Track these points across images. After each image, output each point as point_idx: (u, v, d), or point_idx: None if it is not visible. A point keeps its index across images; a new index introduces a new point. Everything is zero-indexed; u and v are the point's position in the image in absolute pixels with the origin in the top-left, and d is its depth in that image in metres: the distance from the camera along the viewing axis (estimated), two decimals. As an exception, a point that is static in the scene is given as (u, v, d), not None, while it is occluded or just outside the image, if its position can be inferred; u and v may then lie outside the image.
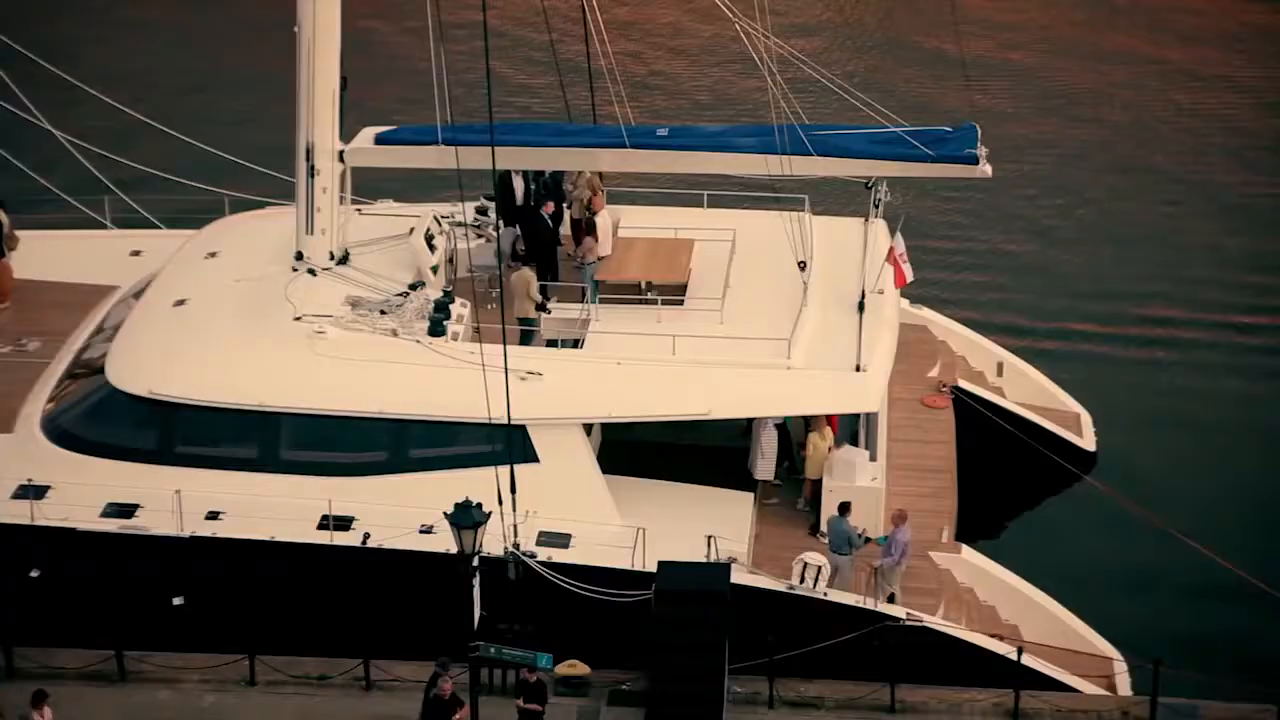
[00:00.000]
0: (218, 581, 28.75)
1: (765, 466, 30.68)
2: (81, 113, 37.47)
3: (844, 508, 28.96)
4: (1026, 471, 33.63)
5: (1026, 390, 35.25)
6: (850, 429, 31.74)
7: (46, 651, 28.92)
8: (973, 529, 31.94)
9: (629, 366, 29.48)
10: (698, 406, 29.23)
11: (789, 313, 30.38)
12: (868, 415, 31.49)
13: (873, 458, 30.77)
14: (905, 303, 34.44)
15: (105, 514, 28.97)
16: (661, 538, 28.14)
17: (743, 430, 31.55)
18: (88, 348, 32.33)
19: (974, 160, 30.83)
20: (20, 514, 28.66)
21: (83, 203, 36.20)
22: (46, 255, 35.43)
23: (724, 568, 27.79)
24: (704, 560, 28.01)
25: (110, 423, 29.97)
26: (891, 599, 28.77)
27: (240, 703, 28.45)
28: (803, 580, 28.16)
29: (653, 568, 27.60)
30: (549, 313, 30.96)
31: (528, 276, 30.98)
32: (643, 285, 31.29)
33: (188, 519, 28.60)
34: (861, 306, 30.63)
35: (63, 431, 30.13)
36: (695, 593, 27.13)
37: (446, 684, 26.32)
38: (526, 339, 30.77)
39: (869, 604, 28.22)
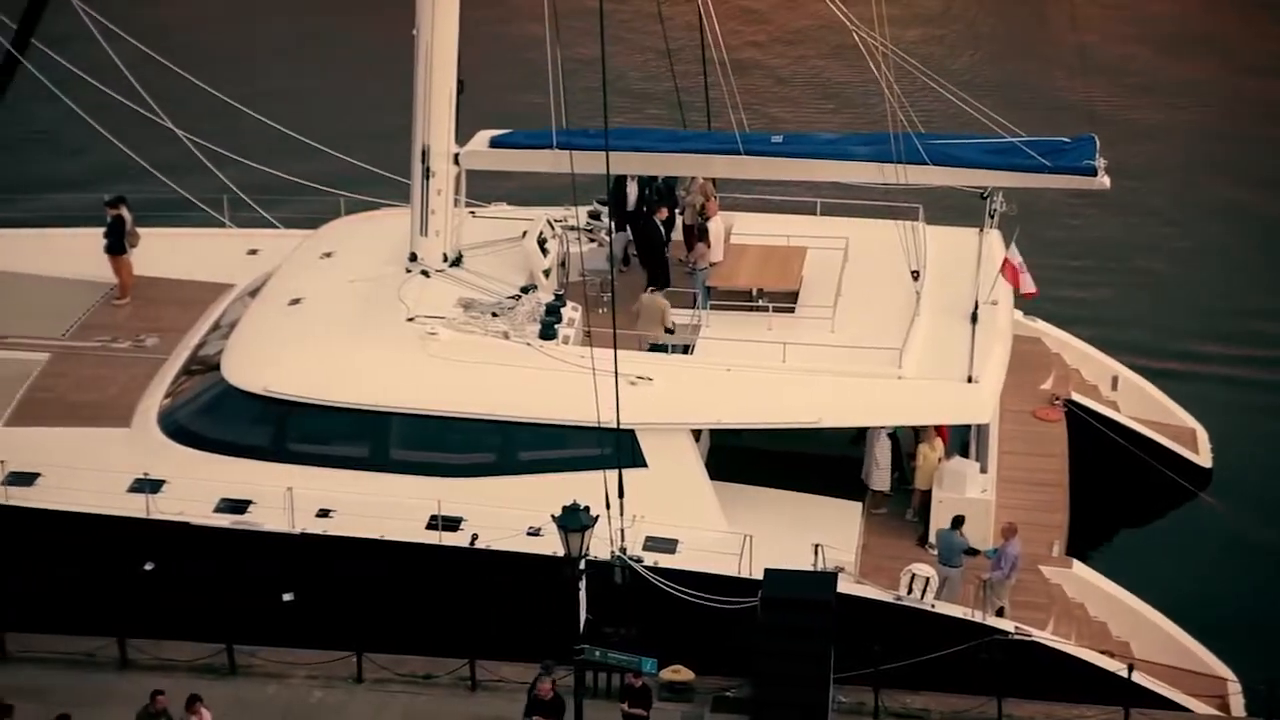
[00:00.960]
0: (327, 578, 29.00)
1: (880, 476, 30.49)
2: (203, 112, 37.91)
3: (957, 521, 28.74)
4: (1140, 487, 33.20)
5: (1141, 405, 34.79)
6: (961, 440, 31.49)
7: (158, 644, 29.33)
8: (1084, 544, 31.58)
9: (739, 373, 29.41)
10: (807, 414, 29.11)
11: (901, 322, 30.21)
12: (979, 426, 31.23)
13: (983, 469, 30.50)
14: (1019, 314, 34.12)
15: (218, 509, 29.30)
16: (768, 545, 28.05)
17: (852, 439, 31.37)
18: (204, 345, 32.73)
19: (1092, 171, 30.50)
20: (136, 507, 29.05)
21: (202, 201, 36.65)
22: (166, 253, 35.93)
23: (831, 576, 27.66)
24: (811, 568, 27.89)
25: (225, 419, 30.31)
26: (1000, 612, 28.50)
27: (347, 699, 28.67)
28: (910, 591, 27.96)
29: (759, 575, 27.53)
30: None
31: (663, 304, 30.86)
32: (754, 292, 31.24)
33: (299, 516, 28.86)
34: (975, 317, 30.37)
35: (178, 427, 30.51)
36: (801, 601, 27.04)
37: (545, 684, 26.39)
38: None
39: (977, 617, 27.97)
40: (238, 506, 29.33)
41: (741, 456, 30.73)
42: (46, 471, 29.68)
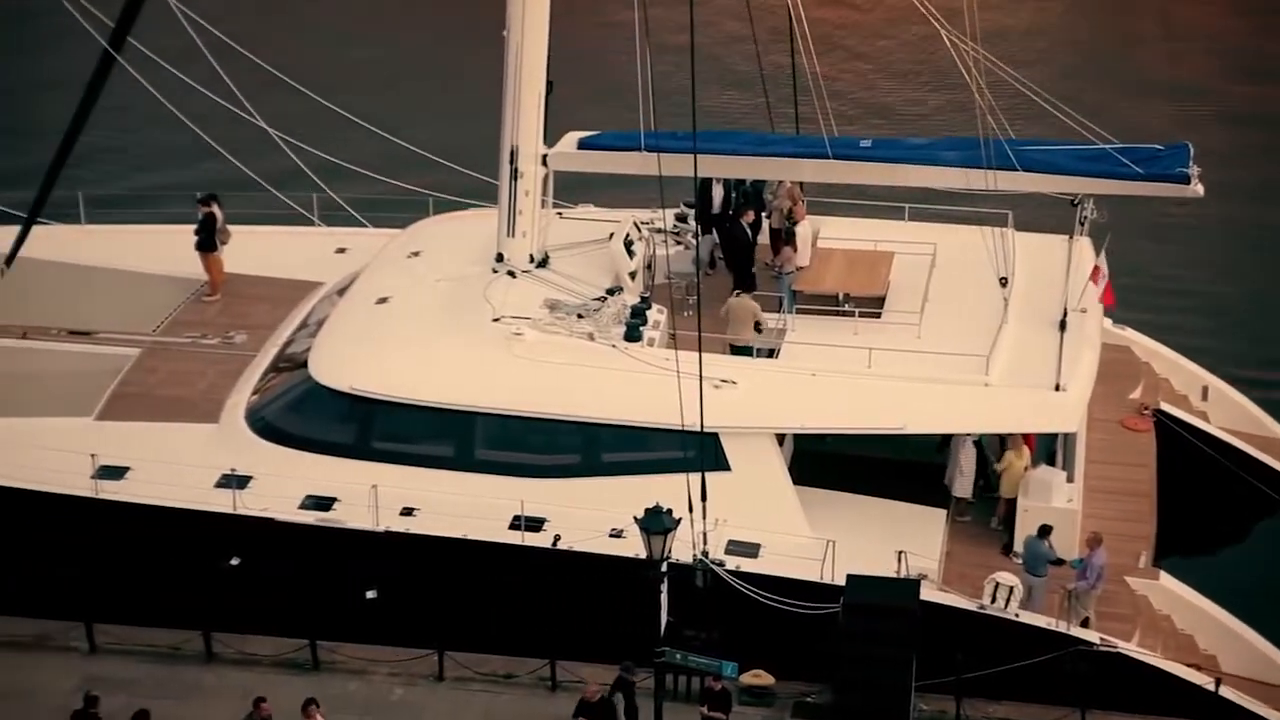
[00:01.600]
0: (410, 577, 29.14)
1: (964, 484, 30.29)
2: (294, 111, 38.22)
3: (1044, 530, 28.50)
4: (1230, 498, 32.78)
5: (1232, 415, 34.35)
6: (1048, 449, 31.21)
7: (243, 638, 29.59)
8: (1172, 555, 31.21)
9: (824, 378, 29.31)
10: (892, 420, 28.96)
11: (988, 329, 29.99)
12: (1066, 435, 30.94)
13: (1070, 479, 30.21)
14: (1108, 323, 33.79)
15: (304, 506, 29.49)
16: (851, 551, 27.94)
17: (937, 446, 31.18)
18: (292, 342, 32.96)
19: (1186, 179, 30.15)
20: (222, 503, 29.31)
21: (292, 199, 36.94)
22: (256, 250, 36.21)
23: (914, 584, 27.53)
24: (894, 575, 27.75)
25: (311, 417, 30.51)
26: (1085, 623, 28.23)
27: (428, 697, 28.79)
28: (994, 600, 27.76)
29: (842, 581, 27.43)
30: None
31: (753, 307, 30.80)
32: (840, 297, 31.12)
33: (383, 514, 29.01)
34: (1063, 325, 30.11)
35: (266, 424, 30.75)
36: (884, 607, 26.93)
37: (592, 686, 26.44)
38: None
39: (1062, 627, 27.72)
40: (323, 504, 29.52)
41: (825, 461, 30.61)
42: (136, 466, 29.99)
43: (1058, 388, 28.89)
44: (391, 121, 39.00)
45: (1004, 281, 30.99)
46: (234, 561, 29.32)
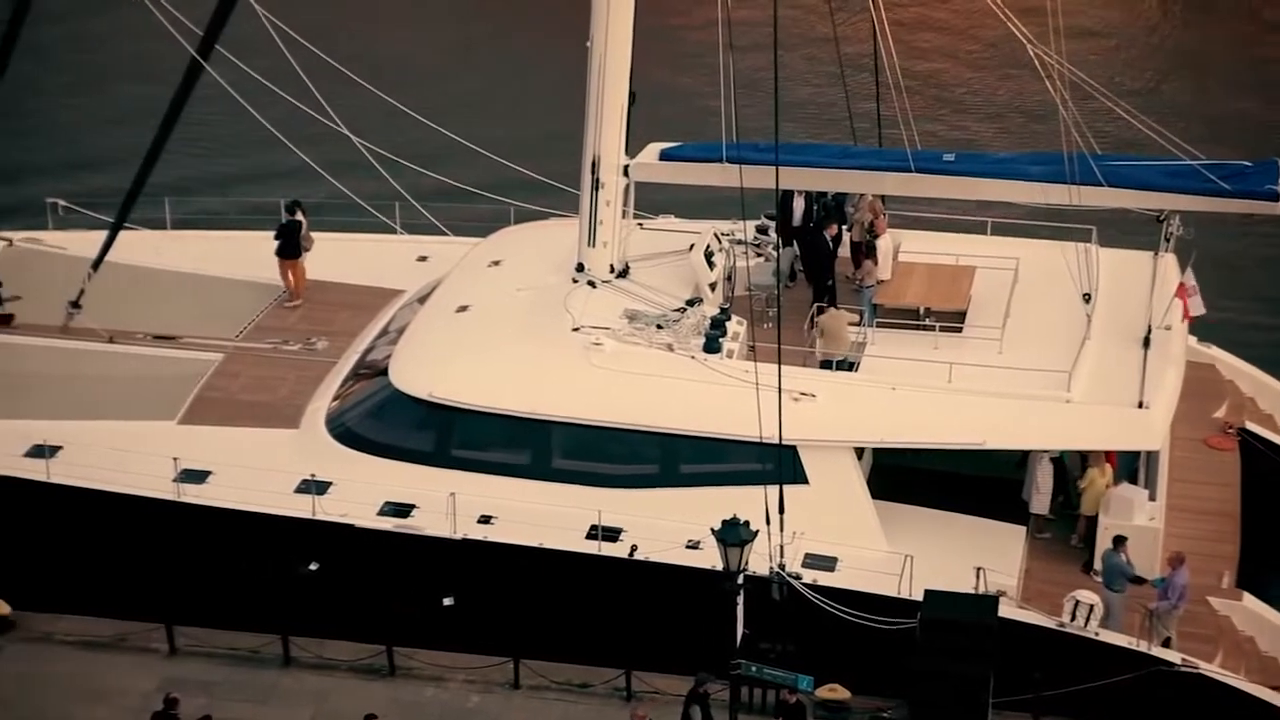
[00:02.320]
0: (487, 584, 29.21)
1: (1041, 500, 30.06)
2: (377, 119, 38.47)
3: (1118, 541, 28.25)
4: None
5: (1318, 435, 33.95)
6: (1130, 466, 30.89)
7: (320, 643, 29.76)
8: (1256, 576, 30.80)
9: (904, 392, 29.17)
10: (972, 436, 28.78)
11: (1071, 345, 29.75)
12: (1149, 453, 30.63)
13: (1152, 497, 29.91)
14: (1193, 340, 33.43)
15: (382, 512, 29.62)
16: (929, 566, 27.78)
17: (1018, 462, 30.96)
18: (373, 349, 33.14)
19: (1274, 196, 29.79)
20: (302, 508, 29.49)
21: (375, 207, 37.16)
22: (338, 257, 36.42)
23: (992, 600, 27.34)
24: (972, 591, 27.57)
25: (391, 423, 30.65)
26: (1167, 643, 27.94)
27: (504, 705, 28.87)
28: (1074, 618, 27.51)
29: (919, 596, 27.29)
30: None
31: (846, 317, 30.70)
32: (921, 311, 30.95)
33: (461, 522, 29.10)
34: (1147, 342, 29.84)
35: (345, 430, 30.93)
36: (962, 623, 26.76)
37: (641, 711, 26.49)
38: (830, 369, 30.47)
39: (1142, 647, 27.45)
40: (401, 510, 29.64)
41: (904, 476, 30.45)
42: (217, 470, 30.24)
43: (1141, 405, 28.62)
44: (476, 131, 39.16)
45: (1087, 298, 30.75)
46: (313, 566, 29.48)
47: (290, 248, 35.69)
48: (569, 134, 32.75)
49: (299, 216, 35.82)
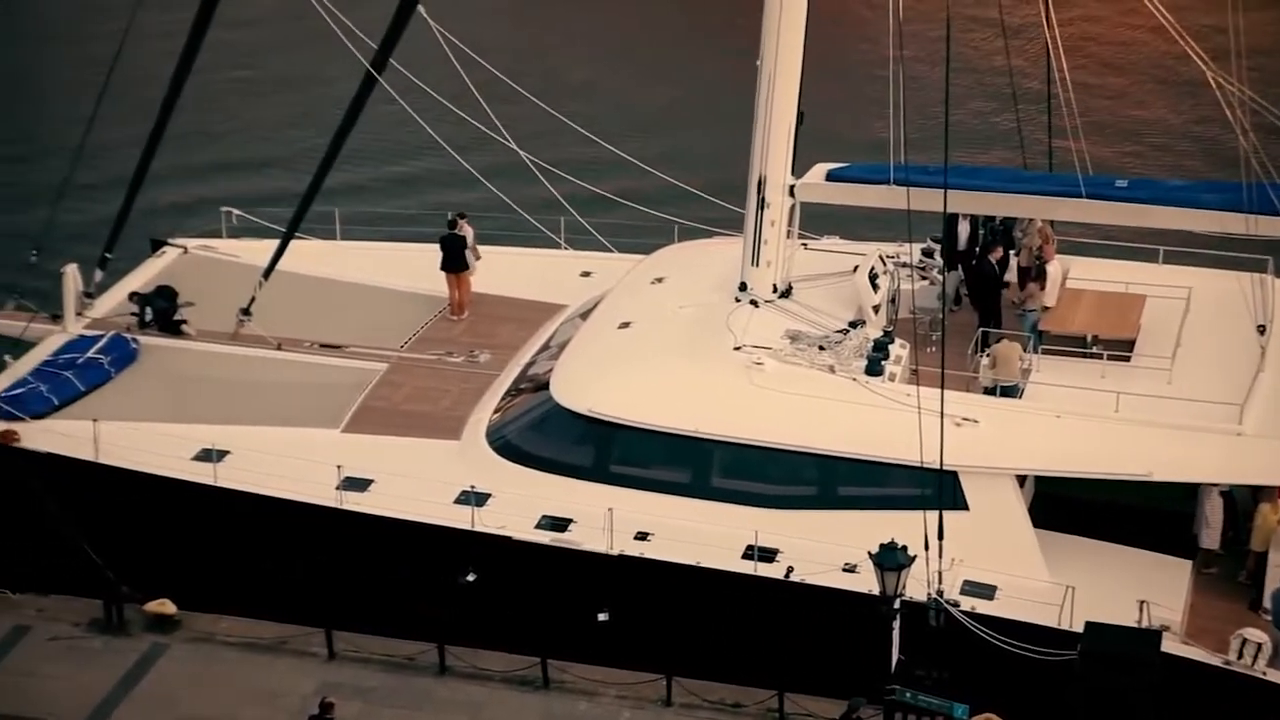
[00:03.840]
0: (642, 601, 29.22)
1: (1210, 535, 29.40)
2: (544, 135, 38.79)
3: (1292, 580, 27.61)
4: None
5: None
6: (1302, 503, 30.17)
7: (475, 653, 29.96)
8: None
9: (1069, 420, 28.73)
10: (1138, 466, 28.26)
11: (1244, 377, 29.14)
12: (1323, 490, 29.88)
13: (1324, 534, 29.18)
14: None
15: (540, 525, 29.74)
16: (1090, 598, 27.31)
17: (1186, 495, 30.33)
18: (534, 363, 33.35)
19: None
20: (461, 519, 29.72)
21: (540, 222, 37.44)
22: (503, 271, 36.72)
23: (1155, 635, 26.81)
24: (1134, 625, 27.06)
25: (551, 438, 30.79)
26: (1337, 686, 27.21)
27: (655, 722, 28.92)
28: (1241, 656, 26.88)
29: (1079, 628, 26.83)
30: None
31: (1018, 348, 30.26)
32: (1089, 338, 30.48)
33: (618, 537, 29.15)
34: (1324, 375, 29.18)
35: (505, 443, 31.13)
36: (1123, 658, 26.26)
37: None
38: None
39: (1312, 689, 26.79)
40: (559, 524, 29.76)
41: (1067, 505, 29.96)
42: (379, 478, 30.58)
43: (1315, 440, 27.96)
44: (643, 148, 39.33)
45: (1262, 329, 30.10)
46: (470, 577, 29.69)
47: (454, 261, 36.00)
48: (736, 152, 32.71)
49: (460, 230, 36.11)
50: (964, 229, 33.25)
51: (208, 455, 30.89)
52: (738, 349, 30.43)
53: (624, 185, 38.36)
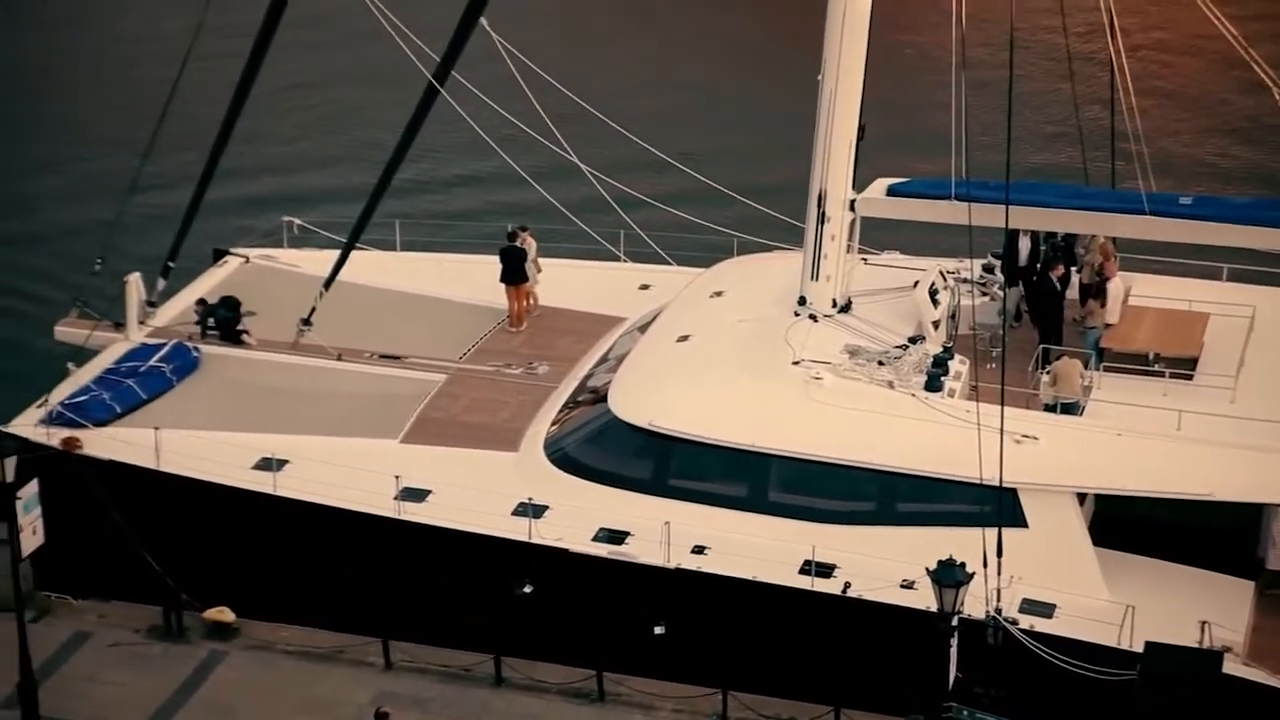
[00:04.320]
0: (698, 615, 29.17)
1: (1277, 555, 29.14)
2: (604, 148, 38.84)
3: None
4: None
5: None
6: (1368, 524, 29.87)
7: (531, 665, 29.99)
8: None
9: (1130, 438, 28.54)
10: (1200, 486, 28.04)
11: (1309, 397, 28.89)
12: (1388, 512, 29.58)
13: (1390, 556, 28.90)
14: None
15: (597, 538, 29.76)
16: (1151, 618, 27.12)
17: (1248, 515, 30.06)
18: (592, 376, 33.37)
19: None
20: (518, 530, 29.76)
21: (600, 234, 37.48)
22: (562, 283, 36.76)
23: (1216, 656, 26.58)
24: (1195, 646, 26.83)
25: (609, 450, 30.80)
26: (1400, 710, 26.92)
27: (711, 736, 28.85)
28: (1302, 679, 26.66)
29: (1139, 648, 26.63)
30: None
31: (1080, 366, 30.13)
32: (1151, 356, 30.26)
33: (675, 551, 29.12)
34: (1389, 396, 28.86)
35: (563, 455, 31.15)
36: (1183, 679, 26.05)
37: None
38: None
39: (1375, 713, 26.51)
40: (616, 537, 29.76)
41: (1128, 524, 29.74)
42: (437, 489, 30.67)
43: (1380, 461, 27.67)
44: (700, 160, 39.32)
45: (1327, 348, 29.86)
46: (527, 589, 29.72)
47: (513, 273, 36.06)
48: (796, 166, 32.67)
49: (521, 243, 36.17)
50: (1024, 245, 33.08)
51: (267, 464, 31.06)
52: (796, 363, 30.38)
53: (684, 198, 38.34)
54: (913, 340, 30.99)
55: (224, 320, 35.49)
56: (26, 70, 61.23)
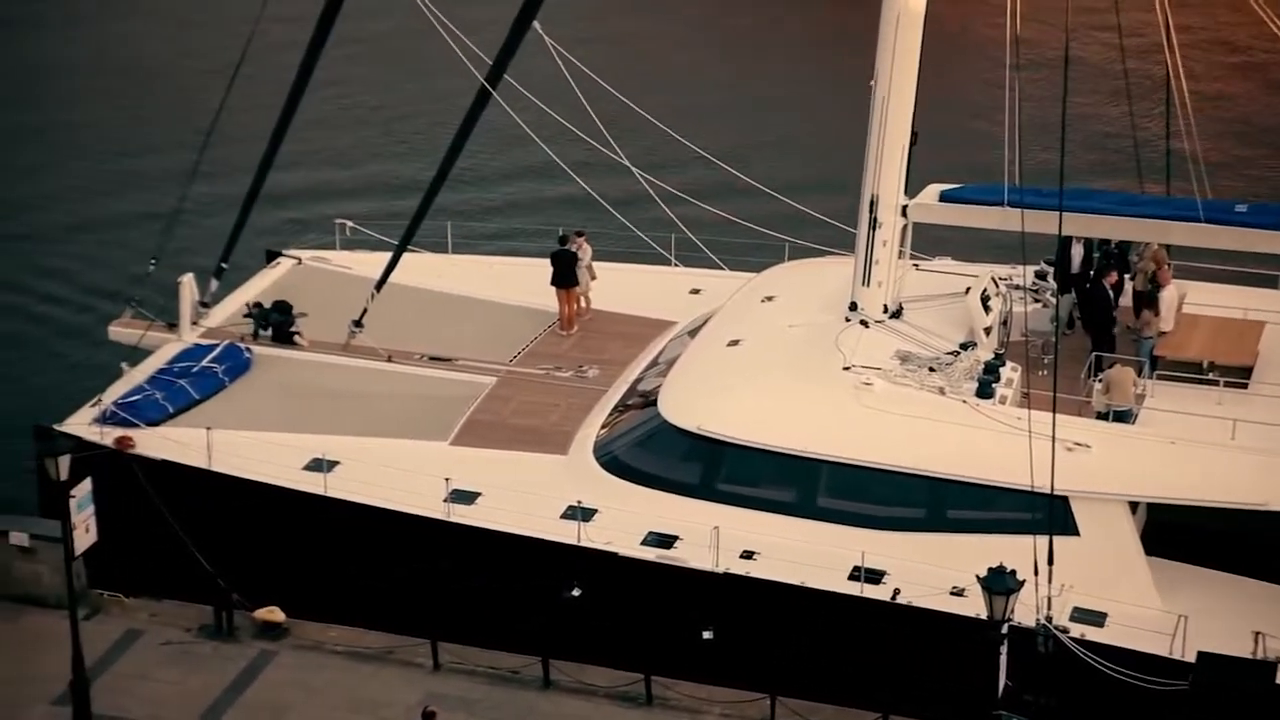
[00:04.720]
0: (747, 619, 29.14)
1: (1330, 566, 28.96)
2: (657, 153, 38.88)
3: None
4: None
5: None
6: None
7: (580, 667, 30.00)
8: None
9: (1183, 447, 28.35)
10: (1255, 495, 27.84)
11: (1366, 406, 28.64)
12: None
13: None
14: None
15: (645, 542, 29.75)
16: (1203, 628, 26.93)
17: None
18: (642, 379, 33.37)
19: None
20: (567, 533, 29.78)
21: (652, 239, 37.49)
22: (613, 287, 36.79)
23: (1270, 667, 26.38)
24: (1249, 657, 26.63)
25: (658, 454, 30.79)
26: None
27: (759, 741, 28.81)
28: (1356, 691, 26.40)
29: (1192, 658, 26.46)
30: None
31: (1132, 373, 29.95)
32: (1205, 365, 30.06)
33: (723, 555, 29.08)
34: None
35: (613, 458, 31.16)
36: (1237, 690, 25.86)
37: None
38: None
39: None
40: (665, 541, 29.75)
41: (1181, 533, 29.54)
42: (486, 492, 30.73)
43: None
44: (752, 166, 39.27)
45: (1383, 358, 29.58)
46: (575, 592, 29.74)
47: (564, 276, 36.10)
48: (848, 172, 32.59)
49: (574, 247, 36.19)
50: (1077, 252, 32.91)
51: (318, 465, 31.18)
52: (847, 369, 30.31)
53: (735, 203, 38.32)
54: (964, 346, 30.88)
55: (277, 324, 35.66)
56: (80, 70, 61.58)
